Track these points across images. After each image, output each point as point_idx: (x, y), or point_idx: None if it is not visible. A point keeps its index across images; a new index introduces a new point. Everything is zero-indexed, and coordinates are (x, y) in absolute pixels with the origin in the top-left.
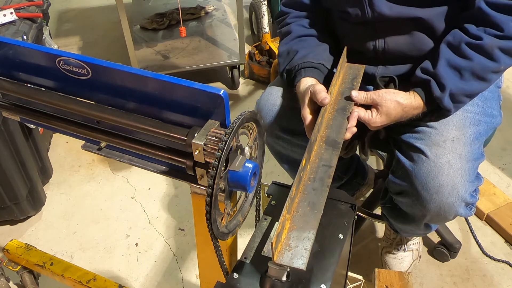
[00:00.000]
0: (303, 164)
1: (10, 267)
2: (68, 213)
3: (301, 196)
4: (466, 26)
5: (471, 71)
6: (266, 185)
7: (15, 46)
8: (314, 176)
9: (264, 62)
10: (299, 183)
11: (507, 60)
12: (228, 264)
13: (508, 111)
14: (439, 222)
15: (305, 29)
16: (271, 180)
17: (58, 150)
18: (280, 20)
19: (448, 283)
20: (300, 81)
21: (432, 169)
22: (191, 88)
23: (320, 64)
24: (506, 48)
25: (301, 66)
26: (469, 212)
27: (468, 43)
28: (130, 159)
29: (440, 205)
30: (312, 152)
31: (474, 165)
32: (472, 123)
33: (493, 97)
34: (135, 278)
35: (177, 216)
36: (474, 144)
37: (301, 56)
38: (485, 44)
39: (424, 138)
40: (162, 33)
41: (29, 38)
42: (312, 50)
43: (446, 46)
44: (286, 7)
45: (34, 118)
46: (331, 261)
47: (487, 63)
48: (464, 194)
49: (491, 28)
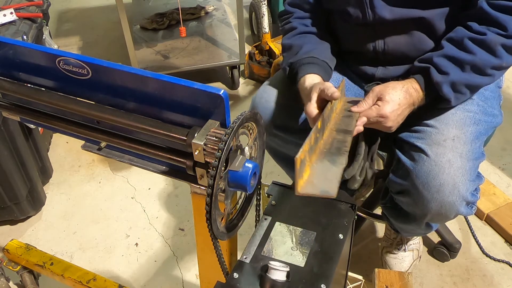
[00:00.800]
0: (319, 126)
1: (10, 267)
2: (68, 213)
3: (318, 155)
4: (469, 23)
5: (473, 65)
6: (266, 185)
7: (15, 46)
8: (329, 146)
9: (264, 62)
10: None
11: (509, 59)
12: (228, 264)
13: (508, 111)
14: (440, 221)
15: (308, 27)
16: (271, 180)
17: (58, 150)
18: (284, 18)
19: (448, 283)
20: (304, 77)
21: (432, 168)
22: (191, 88)
23: (324, 63)
24: (509, 46)
25: (306, 61)
26: (470, 211)
27: (472, 38)
28: (130, 159)
29: (441, 204)
30: (325, 132)
31: (474, 164)
32: (473, 122)
33: (493, 97)
34: (135, 278)
35: (177, 216)
36: (474, 143)
37: (306, 51)
38: (489, 39)
39: (425, 137)
40: (162, 33)
41: (29, 38)
42: (316, 46)
43: (448, 42)
44: (290, 7)
45: (34, 118)
46: (331, 261)
47: (490, 59)
48: (465, 193)
49: (494, 27)
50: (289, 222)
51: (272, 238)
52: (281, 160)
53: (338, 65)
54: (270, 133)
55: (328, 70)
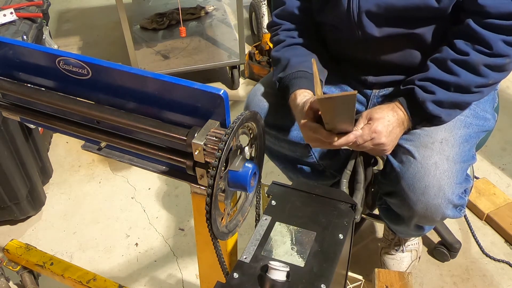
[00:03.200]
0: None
1: (10, 267)
2: (68, 213)
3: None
4: (455, 41)
5: (457, 86)
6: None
7: (15, 46)
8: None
9: (264, 62)
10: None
11: (495, 75)
12: (228, 264)
13: (508, 111)
14: (427, 223)
15: (296, 39)
16: (271, 180)
17: (58, 150)
18: (272, 30)
19: (448, 283)
20: (295, 93)
21: (418, 170)
22: (191, 88)
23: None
24: (493, 65)
25: (296, 76)
26: (458, 214)
27: (455, 59)
28: (130, 159)
29: (427, 207)
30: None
31: (462, 167)
32: (463, 125)
33: (486, 100)
34: (135, 278)
35: (177, 216)
36: (463, 146)
37: (295, 64)
38: (471, 60)
39: (413, 140)
40: (162, 33)
41: (29, 38)
42: (305, 59)
43: (432, 63)
44: (277, 19)
45: (34, 118)
46: (331, 261)
47: (474, 79)
48: (451, 196)
49: (480, 46)
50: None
51: (272, 238)
52: (276, 158)
53: (335, 71)
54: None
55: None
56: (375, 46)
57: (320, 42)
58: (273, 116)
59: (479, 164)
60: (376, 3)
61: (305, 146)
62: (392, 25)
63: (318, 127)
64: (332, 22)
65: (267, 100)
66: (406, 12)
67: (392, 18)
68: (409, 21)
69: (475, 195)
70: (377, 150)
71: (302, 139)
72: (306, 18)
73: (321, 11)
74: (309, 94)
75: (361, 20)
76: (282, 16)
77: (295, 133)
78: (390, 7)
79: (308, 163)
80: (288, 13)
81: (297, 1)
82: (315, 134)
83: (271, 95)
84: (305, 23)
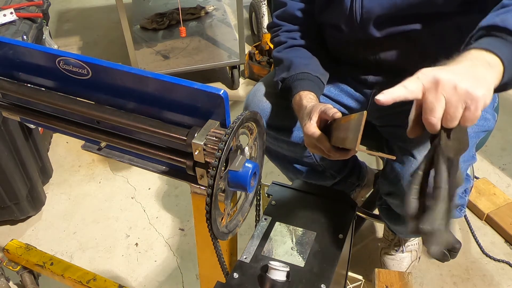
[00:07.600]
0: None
1: (10, 267)
2: (68, 213)
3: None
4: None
5: None
6: (266, 185)
7: (15, 46)
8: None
9: (264, 62)
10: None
11: None
12: (228, 264)
13: (508, 111)
14: None
15: (297, 40)
16: (271, 180)
17: (58, 150)
18: (272, 31)
19: (448, 283)
20: (299, 94)
21: None
22: (191, 88)
23: (317, 78)
24: None
25: (299, 77)
26: (458, 214)
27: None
28: (130, 159)
29: None
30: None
31: (462, 167)
32: None
33: None
34: (135, 278)
35: (177, 216)
36: None
37: (298, 66)
38: None
39: (414, 140)
40: (162, 33)
41: (29, 38)
42: (307, 61)
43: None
44: (278, 20)
45: (34, 118)
46: (331, 261)
47: None
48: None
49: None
50: (289, 222)
51: (272, 238)
52: (276, 158)
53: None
54: None
55: (321, 85)
56: (376, 46)
57: (321, 44)
58: (272, 116)
59: (479, 164)
60: (379, 2)
61: (304, 147)
62: (394, 24)
63: (324, 139)
64: (334, 22)
65: (267, 100)
66: (410, 10)
67: (395, 18)
68: (411, 21)
69: (475, 195)
70: (467, 113)
71: (301, 140)
72: (307, 20)
73: (323, 11)
74: (314, 97)
75: (363, 19)
76: (283, 18)
77: (295, 134)
78: (393, 6)
79: (308, 164)
80: (289, 15)
81: (298, 3)
82: (318, 144)
83: (271, 95)
84: (306, 25)
